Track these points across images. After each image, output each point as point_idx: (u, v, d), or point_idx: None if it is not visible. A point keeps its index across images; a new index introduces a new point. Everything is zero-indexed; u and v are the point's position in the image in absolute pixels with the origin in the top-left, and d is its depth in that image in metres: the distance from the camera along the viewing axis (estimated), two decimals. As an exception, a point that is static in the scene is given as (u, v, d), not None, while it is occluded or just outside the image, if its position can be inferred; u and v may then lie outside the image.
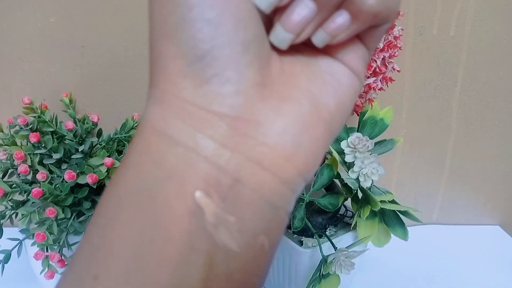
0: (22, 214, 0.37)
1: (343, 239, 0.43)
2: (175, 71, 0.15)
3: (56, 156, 0.40)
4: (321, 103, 0.17)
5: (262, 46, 0.16)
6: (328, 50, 0.18)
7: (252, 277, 0.16)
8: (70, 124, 0.43)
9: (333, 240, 0.41)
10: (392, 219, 0.42)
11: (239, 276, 0.15)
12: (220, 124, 0.15)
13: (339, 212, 0.47)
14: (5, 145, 0.41)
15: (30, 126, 0.41)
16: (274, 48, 0.17)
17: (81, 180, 0.39)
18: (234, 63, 0.15)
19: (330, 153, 0.42)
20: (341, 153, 0.41)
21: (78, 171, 0.40)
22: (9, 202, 0.38)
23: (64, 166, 0.41)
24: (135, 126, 0.47)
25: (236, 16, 0.15)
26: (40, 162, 0.40)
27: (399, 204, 0.41)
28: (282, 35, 0.16)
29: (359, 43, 0.18)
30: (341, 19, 0.16)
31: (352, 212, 0.46)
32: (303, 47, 0.18)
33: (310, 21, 0.16)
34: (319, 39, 0.16)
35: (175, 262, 0.14)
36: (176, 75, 0.15)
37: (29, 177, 0.39)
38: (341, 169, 0.42)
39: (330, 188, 0.44)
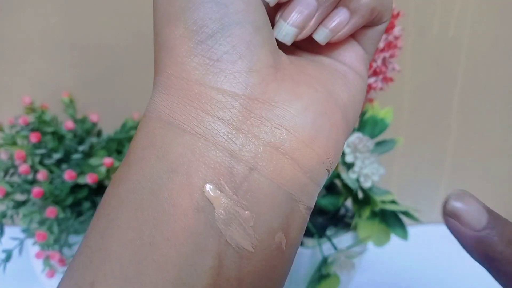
0: (24, 214, 0.37)
1: (343, 239, 0.43)
2: (183, 52, 0.14)
3: (56, 156, 0.40)
4: (334, 92, 0.16)
5: (271, 33, 0.15)
6: (330, 52, 0.18)
7: (266, 281, 0.14)
8: (70, 124, 0.43)
9: (333, 240, 0.41)
10: (392, 219, 0.42)
11: (251, 280, 0.13)
12: (233, 104, 0.14)
13: (339, 212, 0.47)
14: (6, 144, 0.41)
15: (31, 126, 0.41)
16: (279, 46, 0.17)
17: (81, 180, 0.39)
18: (246, 42, 0.14)
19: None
20: (342, 153, 0.41)
21: (78, 171, 0.40)
22: (11, 202, 0.39)
23: (64, 166, 0.41)
24: (135, 126, 0.47)
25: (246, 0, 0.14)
26: (41, 162, 0.40)
27: (399, 204, 0.41)
28: (286, 29, 0.16)
29: (358, 46, 0.18)
30: (341, 15, 0.16)
31: (352, 212, 0.47)
32: (305, 53, 0.18)
33: (311, 15, 0.16)
34: (321, 36, 0.17)
35: (178, 266, 0.13)
36: (183, 56, 0.14)
37: (30, 177, 0.39)
38: (341, 169, 0.42)
39: (330, 188, 0.44)
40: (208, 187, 0.13)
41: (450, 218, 0.16)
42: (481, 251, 0.15)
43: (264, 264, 0.14)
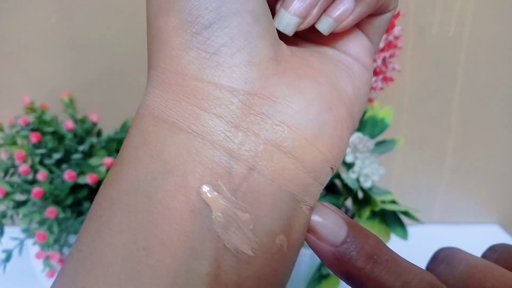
0: (24, 214, 0.37)
1: (343, 239, 0.43)
2: (177, 45, 0.13)
3: (56, 156, 0.41)
4: (338, 85, 0.15)
5: (271, 23, 0.14)
6: (334, 43, 0.17)
7: (267, 285, 0.13)
8: (70, 124, 0.43)
9: (333, 240, 0.41)
10: (392, 219, 0.42)
11: (251, 285, 0.13)
12: (231, 100, 0.13)
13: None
14: (6, 144, 0.41)
15: (31, 126, 0.41)
16: (280, 37, 0.16)
17: (81, 180, 0.39)
18: (245, 33, 0.13)
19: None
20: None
21: (78, 171, 0.40)
22: (11, 202, 0.39)
23: (64, 166, 0.41)
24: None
25: None
26: (41, 162, 0.40)
27: (399, 204, 0.41)
28: (287, 18, 0.15)
29: (363, 36, 0.17)
30: (345, 3, 0.15)
31: (352, 212, 0.47)
32: (307, 43, 0.18)
33: (314, 4, 0.15)
34: (324, 26, 0.15)
35: (174, 272, 0.12)
36: (178, 49, 0.13)
37: (30, 177, 0.39)
38: (341, 169, 0.42)
39: (330, 188, 0.44)
40: (205, 188, 0.12)
41: (307, 233, 0.14)
42: (341, 268, 0.14)
43: (265, 268, 0.13)
